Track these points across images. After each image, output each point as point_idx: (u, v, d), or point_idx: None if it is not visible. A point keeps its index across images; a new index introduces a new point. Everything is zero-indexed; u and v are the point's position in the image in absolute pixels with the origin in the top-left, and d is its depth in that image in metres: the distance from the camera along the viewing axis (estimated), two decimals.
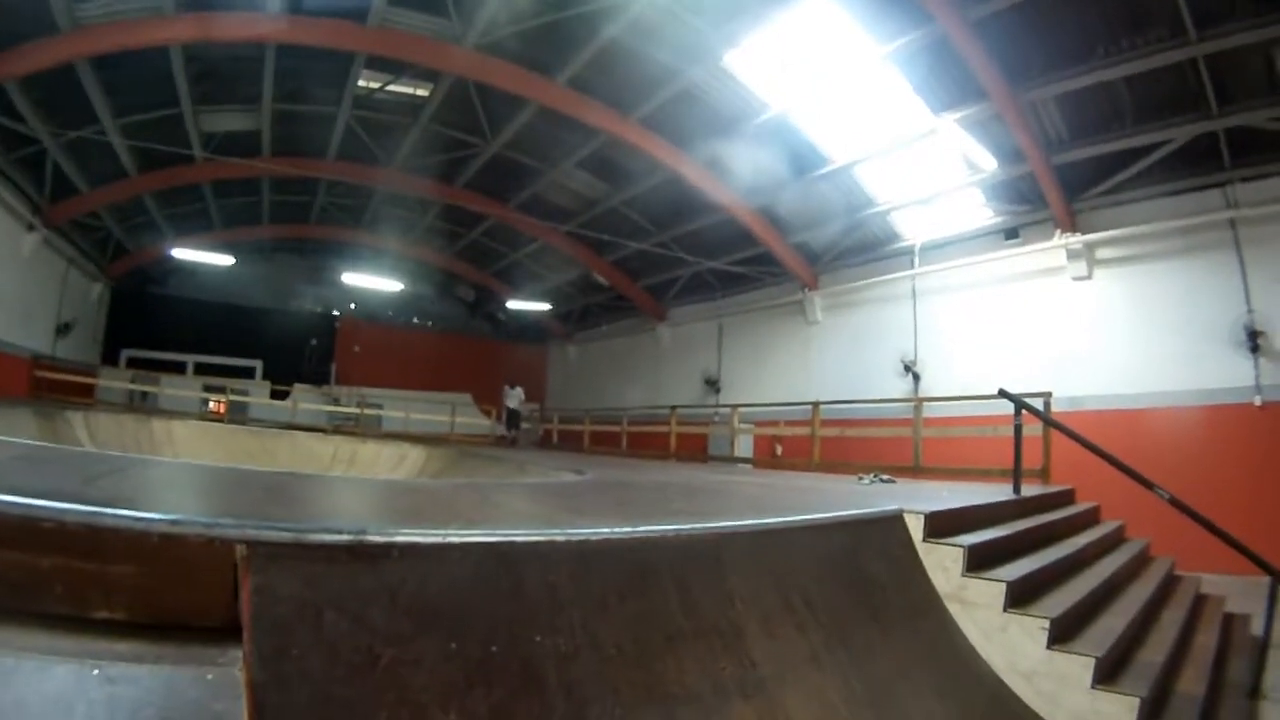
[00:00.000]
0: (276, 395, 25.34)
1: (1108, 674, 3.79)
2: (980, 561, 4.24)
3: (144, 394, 23.34)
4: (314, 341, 29.80)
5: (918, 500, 5.12)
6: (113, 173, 18.85)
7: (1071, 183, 13.49)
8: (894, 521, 4.29)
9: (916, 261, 16.74)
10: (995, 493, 7.16)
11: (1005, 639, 3.90)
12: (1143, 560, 7.24)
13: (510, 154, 19.06)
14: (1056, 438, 9.05)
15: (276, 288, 29.36)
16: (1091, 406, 12.74)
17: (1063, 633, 3.92)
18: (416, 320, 32.44)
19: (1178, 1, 10.06)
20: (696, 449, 18.36)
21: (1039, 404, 8.84)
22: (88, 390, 21.27)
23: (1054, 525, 6.40)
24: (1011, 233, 15.00)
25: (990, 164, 14.05)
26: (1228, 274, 11.92)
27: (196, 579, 1.73)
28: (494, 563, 2.09)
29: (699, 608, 2.52)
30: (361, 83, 16.66)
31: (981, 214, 15.47)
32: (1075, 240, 13.62)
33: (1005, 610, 3.95)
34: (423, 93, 17.19)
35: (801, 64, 13.36)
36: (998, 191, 14.85)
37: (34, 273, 19.05)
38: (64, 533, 1.67)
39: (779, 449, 17.39)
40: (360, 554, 1.84)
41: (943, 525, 4.43)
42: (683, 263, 21.29)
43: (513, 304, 29.12)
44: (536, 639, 2.00)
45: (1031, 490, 7.71)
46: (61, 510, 1.69)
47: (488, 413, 26.30)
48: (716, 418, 19.74)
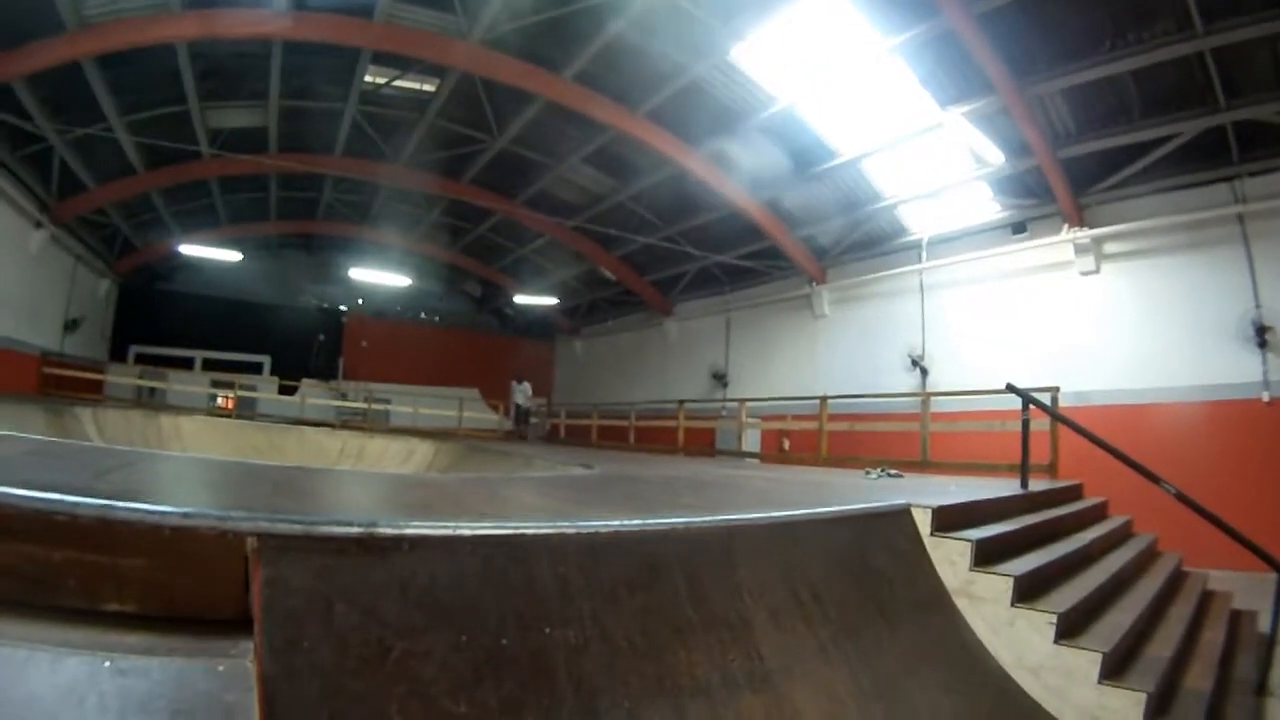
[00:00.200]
0: (284, 390, 25.36)
1: (1115, 669, 3.79)
2: (988, 556, 4.23)
3: (152, 390, 23.37)
4: (321, 337, 29.82)
5: (925, 495, 5.12)
6: (120, 169, 18.88)
7: (1078, 177, 13.44)
8: (902, 516, 4.29)
9: (924, 256, 16.70)
10: (1003, 488, 7.14)
11: (1012, 633, 3.90)
12: (1150, 556, 7.22)
13: (517, 149, 19.04)
14: (1064, 432, 9.06)
15: (284, 283, 29.40)
16: (1099, 401, 12.69)
17: (1070, 628, 3.92)
18: (424, 315, 32.40)
19: None
20: (704, 444, 18.35)
21: (1046, 399, 8.83)
22: (96, 386, 21.36)
23: (1062, 520, 6.38)
24: (1019, 227, 14.94)
25: (997, 158, 13.99)
26: (1235, 269, 11.86)
27: (208, 571, 1.74)
28: (504, 555, 2.09)
29: (708, 600, 2.53)
30: (368, 78, 16.66)
31: (989, 208, 15.42)
32: (1082, 235, 13.56)
33: (1013, 605, 3.95)
34: (429, 88, 17.17)
35: (808, 58, 13.31)
36: (1005, 186, 14.79)
37: (42, 270, 19.10)
38: (76, 526, 1.68)
39: (786, 443, 17.37)
40: (371, 546, 1.85)
41: (950, 519, 4.43)
42: (690, 257, 21.25)
43: (520, 299, 29.10)
44: (546, 631, 2.01)
45: (1039, 485, 7.71)
46: (74, 504, 1.70)
47: (495, 408, 26.33)
48: (724, 412, 19.70)
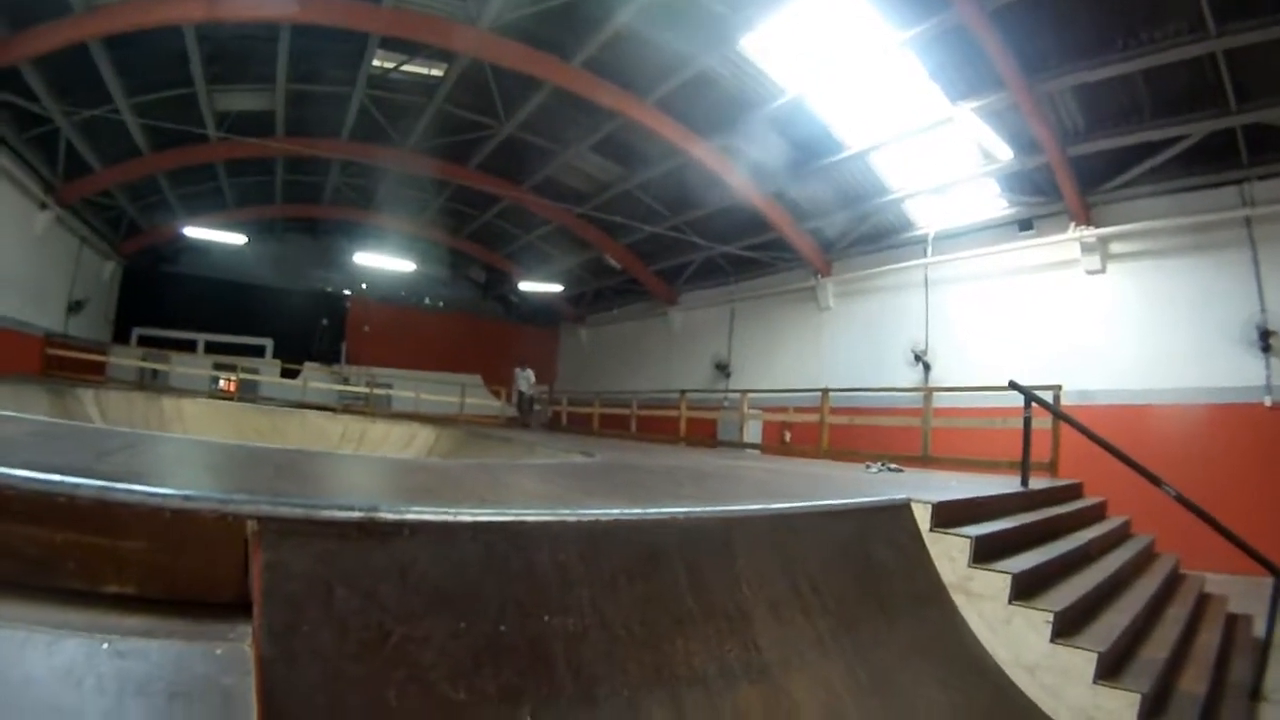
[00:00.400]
0: (287, 374, 25.38)
1: (1110, 669, 3.79)
2: (987, 553, 4.23)
3: (154, 372, 23.39)
4: (325, 321, 29.82)
5: (925, 490, 5.12)
6: (126, 151, 18.85)
7: (1087, 175, 13.37)
8: (901, 510, 4.30)
9: (930, 251, 16.64)
10: (1003, 485, 7.14)
11: (1009, 631, 3.90)
12: (1148, 557, 7.21)
13: (524, 136, 19.00)
14: (1066, 431, 9.05)
15: (288, 267, 29.36)
16: (1101, 401, 12.66)
17: (1066, 627, 3.92)
18: (427, 301, 32.38)
19: None
20: (705, 434, 18.34)
21: (1049, 397, 8.81)
22: (99, 368, 21.41)
23: (1061, 519, 6.38)
24: (1025, 224, 14.87)
25: (1006, 154, 13.91)
26: (1241, 272, 11.81)
27: (208, 554, 1.74)
28: (504, 542, 2.10)
29: (707, 591, 2.54)
30: (376, 63, 16.61)
31: (996, 204, 15.35)
32: (1089, 234, 13.50)
33: (1010, 602, 3.95)
34: (437, 73, 17.10)
35: (818, 49, 13.25)
36: (1012, 182, 14.73)
37: (47, 251, 19.10)
38: (77, 507, 1.68)
39: (788, 435, 17.37)
40: (371, 531, 1.85)
41: (950, 515, 4.44)
42: (695, 247, 21.23)
43: (524, 286, 29.07)
44: (546, 618, 2.02)
45: (1040, 483, 7.71)
46: (75, 485, 1.70)
47: (497, 394, 26.33)
48: (726, 403, 19.70)
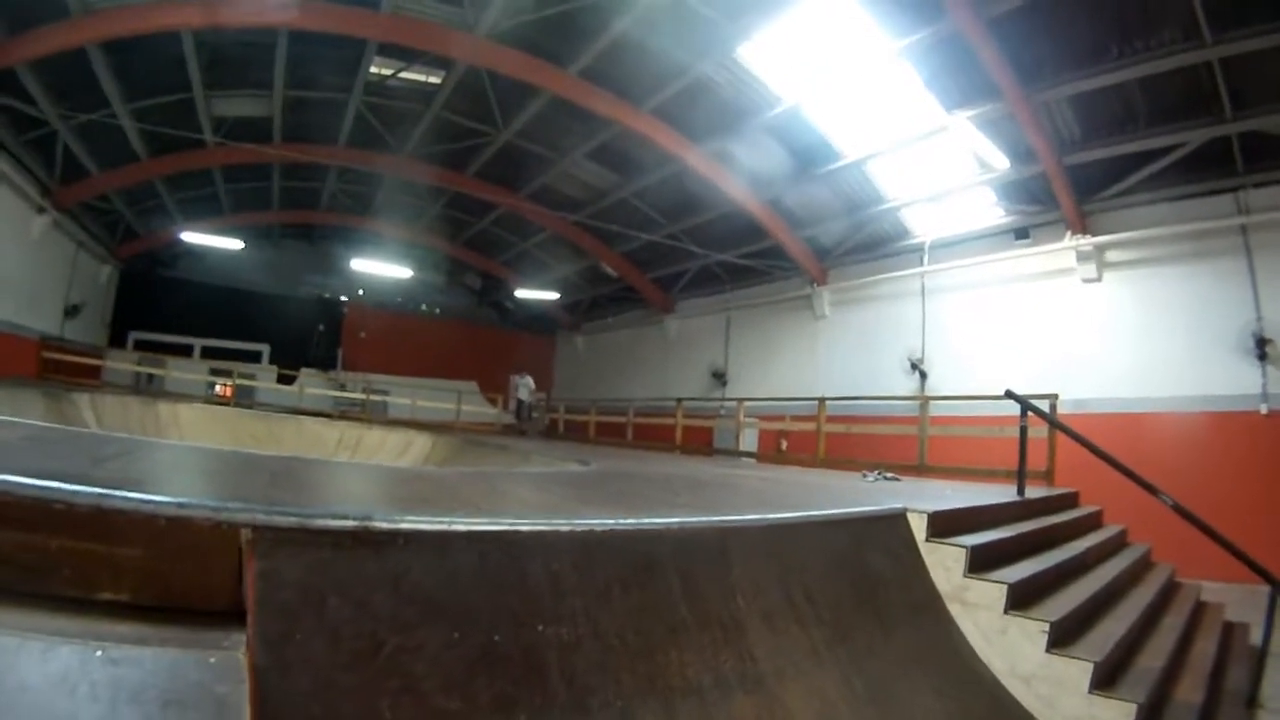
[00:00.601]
0: (283, 380, 25.38)
1: (1106, 679, 3.79)
2: (982, 563, 4.23)
3: (150, 376, 23.36)
4: (321, 327, 29.80)
5: (921, 499, 5.12)
6: (123, 156, 18.85)
7: (1083, 184, 13.42)
8: (897, 520, 4.29)
9: (926, 259, 16.67)
10: (999, 494, 7.16)
11: (1005, 641, 3.90)
12: (1144, 565, 7.23)
13: (521, 143, 19.01)
14: (1062, 440, 9.06)
15: (285, 273, 29.36)
16: (1097, 409, 12.69)
17: (1062, 636, 3.91)
18: (424, 307, 32.39)
19: (1193, 4, 9.98)
20: (702, 442, 18.33)
21: (1045, 406, 8.83)
22: (95, 372, 21.30)
23: (1057, 528, 6.38)
24: (1022, 233, 14.91)
25: (1002, 163, 13.98)
26: (1238, 280, 11.85)
27: (202, 562, 1.73)
28: (498, 551, 2.09)
29: (701, 601, 2.53)
30: (373, 70, 16.61)
31: (992, 213, 15.40)
32: (1085, 242, 13.55)
33: (1006, 612, 3.94)
34: (435, 80, 17.11)
35: (814, 58, 13.29)
36: (1009, 191, 14.78)
37: (43, 255, 19.06)
38: (72, 514, 1.67)
39: (784, 444, 17.37)
40: (365, 540, 1.85)
41: (946, 525, 4.44)
42: (691, 255, 21.23)
43: (521, 293, 28.99)
44: (540, 628, 2.01)
45: (1036, 492, 7.72)
46: (70, 492, 1.69)
47: (493, 401, 26.29)
48: (722, 411, 19.70)
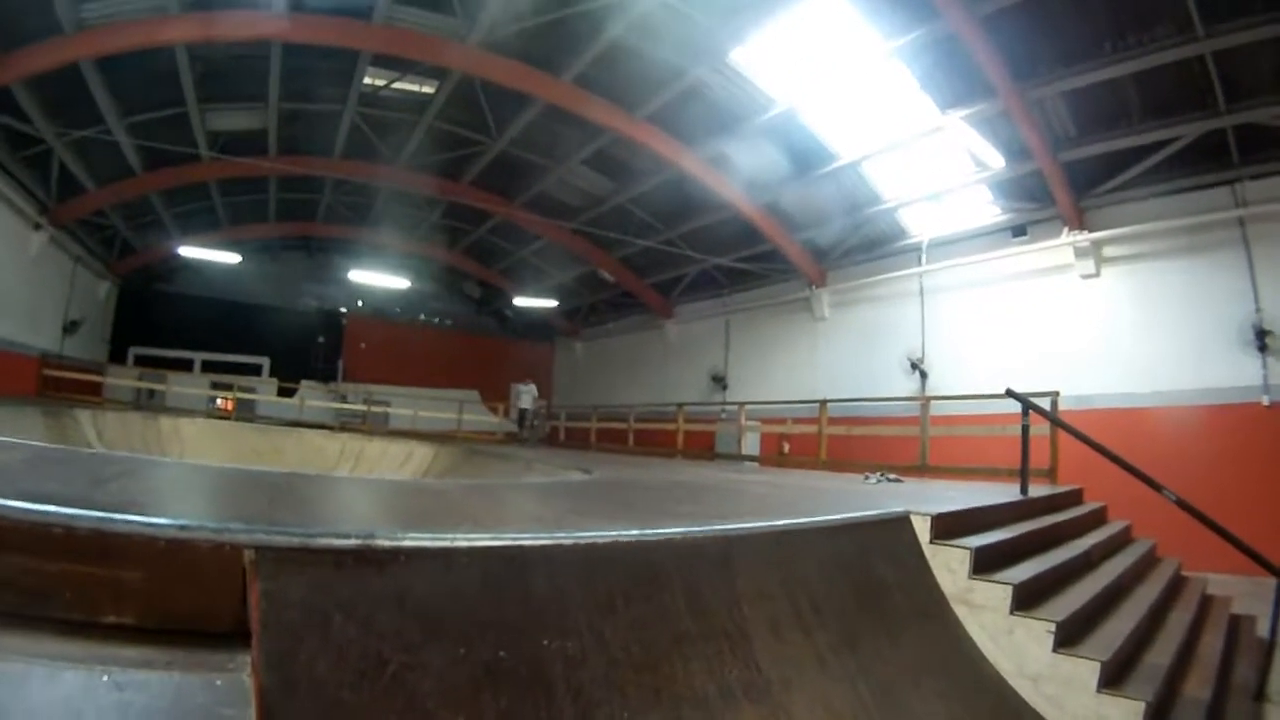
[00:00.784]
0: (284, 392, 25.37)
1: (1113, 677, 3.77)
2: (987, 563, 4.22)
3: (151, 392, 23.36)
4: (321, 338, 29.84)
5: (925, 501, 5.12)
6: (119, 172, 18.88)
7: (1079, 180, 13.44)
8: (901, 523, 4.28)
9: (924, 259, 16.68)
10: (1002, 493, 7.15)
11: (1011, 642, 3.88)
12: (1150, 561, 7.20)
13: (516, 151, 19.05)
14: (1065, 436, 9.05)
15: (283, 285, 29.35)
16: (1099, 405, 12.68)
17: (1069, 636, 3.90)
18: (423, 317, 32.40)
19: None
20: (703, 446, 18.30)
21: (1046, 403, 8.83)
22: (95, 389, 21.31)
23: (1061, 526, 6.36)
24: (1019, 230, 14.93)
25: (997, 161, 14.00)
26: (1236, 272, 11.87)
27: (205, 584, 1.73)
28: (502, 567, 2.09)
29: (706, 611, 2.53)
30: (367, 80, 16.64)
31: (989, 211, 15.41)
32: (1083, 238, 13.55)
33: (1012, 613, 3.93)
34: (428, 90, 17.15)
35: (808, 60, 13.31)
36: (1005, 189, 14.79)
37: (41, 271, 19.09)
38: (73, 538, 1.67)
39: (786, 447, 17.37)
40: (368, 559, 1.85)
41: (950, 527, 4.42)
42: (690, 260, 21.25)
43: (520, 301, 29.04)
44: (544, 643, 2.01)
45: (1039, 490, 7.69)
46: (71, 516, 1.70)
47: (494, 410, 26.27)
48: (723, 415, 19.69)
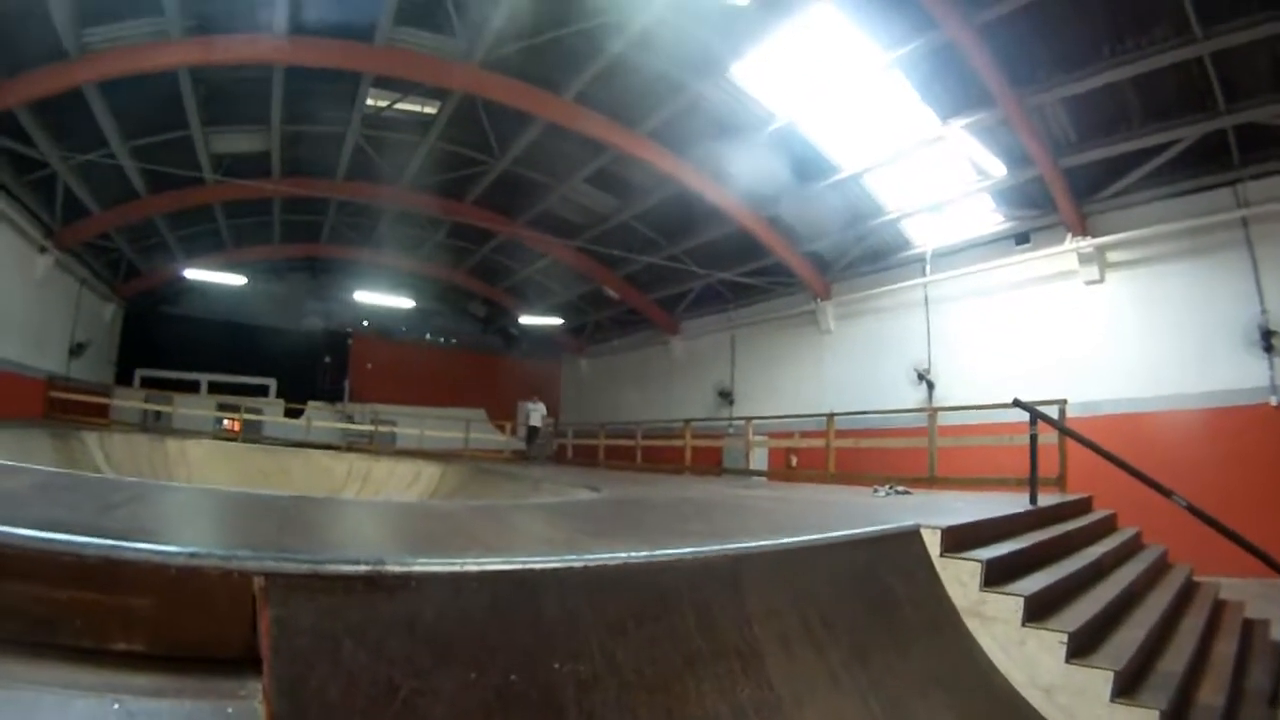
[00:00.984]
0: (290, 413, 25.41)
1: (1127, 686, 3.74)
2: (998, 575, 4.20)
3: (158, 413, 23.42)
4: (327, 359, 29.89)
5: (934, 513, 5.10)
6: (123, 194, 18.96)
7: (1081, 186, 13.43)
8: (911, 537, 4.27)
9: (928, 269, 16.67)
10: (1012, 503, 7.11)
11: (1024, 653, 3.86)
12: (1161, 567, 7.15)
13: (519, 170, 19.11)
14: (1072, 444, 9.01)
15: (289, 306, 29.42)
16: (1107, 411, 12.63)
17: (1081, 646, 3.88)
18: (429, 336, 32.46)
19: (1182, 0, 10.05)
20: (711, 462, 18.27)
21: (1054, 411, 8.79)
22: (102, 410, 21.36)
23: (1071, 536, 6.32)
24: (1022, 238, 14.91)
25: (999, 169, 14.01)
26: (1241, 274, 11.84)
27: (215, 611, 1.74)
28: (512, 590, 2.09)
29: (717, 630, 2.52)
30: (370, 102, 16.70)
31: (992, 219, 15.41)
32: (1086, 244, 13.53)
33: (1023, 625, 3.91)
34: (430, 110, 17.22)
35: (808, 73, 13.37)
36: (1007, 196, 14.79)
37: (47, 294, 19.17)
38: (83, 566, 1.68)
39: (794, 461, 17.31)
40: (378, 584, 1.85)
41: (960, 539, 4.41)
42: (694, 275, 21.25)
43: (525, 319, 29.10)
44: (556, 666, 2.00)
45: (1048, 499, 7.65)
46: (80, 544, 1.70)
47: (501, 428, 26.25)
48: (731, 430, 19.65)
